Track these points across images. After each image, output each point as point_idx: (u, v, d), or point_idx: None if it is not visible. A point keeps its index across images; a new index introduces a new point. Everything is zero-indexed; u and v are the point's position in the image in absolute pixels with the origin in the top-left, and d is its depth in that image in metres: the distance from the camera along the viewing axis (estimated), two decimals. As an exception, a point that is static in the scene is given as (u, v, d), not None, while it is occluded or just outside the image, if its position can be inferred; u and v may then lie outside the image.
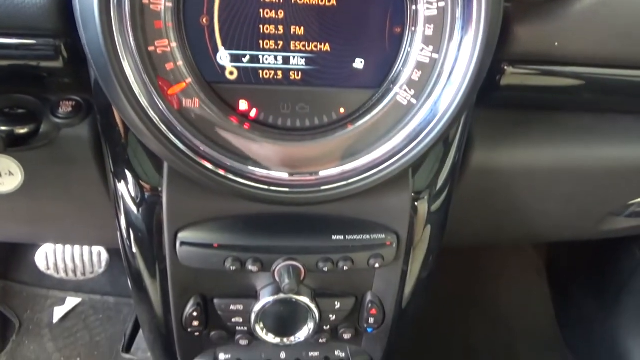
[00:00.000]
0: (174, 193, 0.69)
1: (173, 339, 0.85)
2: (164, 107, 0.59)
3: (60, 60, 0.67)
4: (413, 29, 0.62)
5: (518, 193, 0.90)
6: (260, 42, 0.62)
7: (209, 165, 0.62)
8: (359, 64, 0.64)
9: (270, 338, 0.82)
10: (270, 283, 0.77)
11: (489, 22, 0.58)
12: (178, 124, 0.60)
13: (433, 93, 0.63)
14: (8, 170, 0.72)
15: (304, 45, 0.63)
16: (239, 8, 0.60)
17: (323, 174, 0.65)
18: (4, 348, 1.54)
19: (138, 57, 0.57)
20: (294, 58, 0.63)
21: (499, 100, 0.79)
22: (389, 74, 0.64)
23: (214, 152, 0.62)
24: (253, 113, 0.64)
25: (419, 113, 0.64)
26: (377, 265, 0.74)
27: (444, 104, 0.62)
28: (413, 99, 0.64)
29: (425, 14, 0.61)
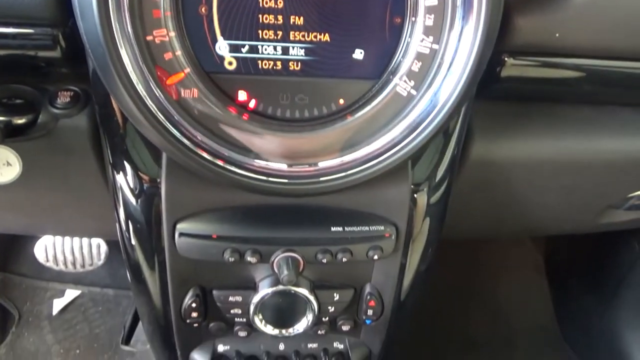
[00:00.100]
0: (173, 184, 0.69)
1: (172, 331, 0.86)
2: (162, 97, 0.59)
3: (58, 50, 0.67)
4: (413, 19, 0.62)
5: (517, 185, 0.89)
6: (260, 32, 0.61)
7: (207, 156, 0.61)
8: (359, 55, 0.64)
9: (269, 329, 0.82)
10: (269, 274, 0.77)
11: (490, 11, 0.57)
12: (176, 114, 0.60)
13: (433, 84, 0.62)
14: (6, 161, 0.72)
15: (304, 36, 0.62)
16: None
17: (322, 165, 0.64)
18: (4, 339, 1.55)
19: (136, 46, 0.57)
20: (294, 48, 0.63)
21: (499, 92, 0.79)
22: (389, 65, 0.64)
23: (213, 142, 0.61)
24: (252, 104, 0.64)
25: (419, 104, 0.63)
26: (376, 257, 0.74)
27: (444, 95, 0.62)
28: (413, 90, 0.63)
29: (426, 4, 0.61)
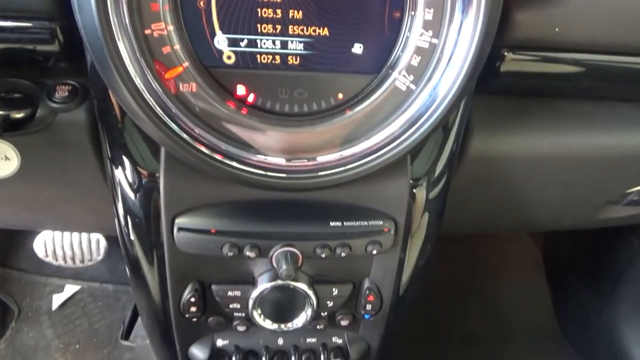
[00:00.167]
0: (171, 178, 0.68)
1: (171, 325, 0.86)
2: (161, 91, 0.59)
3: (56, 44, 0.66)
4: (412, 14, 0.61)
5: (516, 181, 0.89)
6: (258, 26, 0.61)
7: (206, 150, 0.61)
8: (358, 49, 0.63)
9: (268, 324, 0.82)
10: (268, 269, 0.77)
11: (489, 4, 0.57)
12: (175, 108, 0.59)
13: (432, 78, 0.62)
14: (4, 155, 0.72)
15: (302, 30, 0.62)
16: None
17: (321, 160, 0.64)
18: (3, 334, 1.55)
19: (134, 40, 0.56)
20: (292, 42, 0.62)
21: (499, 87, 0.79)
22: (388, 59, 0.63)
23: (211, 136, 0.61)
24: (251, 98, 0.64)
25: (418, 98, 0.63)
26: (374, 252, 0.74)
27: (443, 89, 0.61)
28: (412, 85, 0.63)
29: None
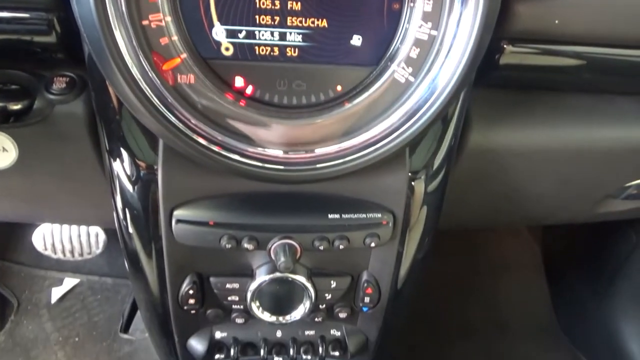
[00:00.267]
0: (170, 170, 0.68)
1: (170, 318, 0.86)
2: (159, 82, 0.58)
3: (54, 35, 0.66)
4: (412, 5, 0.61)
5: (515, 174, 0.89)
6: (257, 17, 0.61)
7: (204, 142, 0.61)
8: (357, 41, 0.63)
9: (266, 316, 0.82)
10: (266, 262, 0.77)
11: None
12: (173, 100, 0.59)
13: (431, 70, 0.62)
14: (2, 147, 0.72)
15: (301, 21, 0.62)
16: None
17: (319, 152, 0.64)
18: (3, 327, 1.55)
19: (132, 30, 0.56)
20: (291, 34, 0.62)
21: (498, 80, 0.79)
22: (387, 51, 0.63)
23: (209, 128, 0.61)
24: (249, 90, 0.63)
25: (417, 91, 0.63)
26: (373, 245, 0.74)
27: (442, 82, 0.61)
28: (411, 77, 0.63)
29: None
